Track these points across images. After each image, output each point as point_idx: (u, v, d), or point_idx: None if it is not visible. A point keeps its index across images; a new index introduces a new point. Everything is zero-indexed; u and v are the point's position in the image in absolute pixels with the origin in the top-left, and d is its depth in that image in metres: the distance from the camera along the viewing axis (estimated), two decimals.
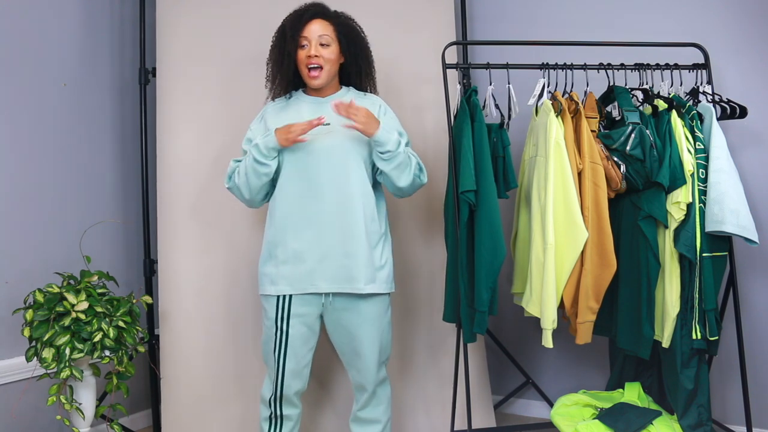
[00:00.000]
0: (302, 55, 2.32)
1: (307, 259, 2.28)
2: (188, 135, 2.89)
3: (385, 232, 2.40)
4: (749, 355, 2.69)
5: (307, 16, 2.32)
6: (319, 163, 2.29)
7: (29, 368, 2.60)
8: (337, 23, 2.34)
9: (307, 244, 2.29)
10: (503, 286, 3.00)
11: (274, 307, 2.33)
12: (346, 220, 2.28)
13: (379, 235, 2.36)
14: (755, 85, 2.82)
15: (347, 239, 2.27)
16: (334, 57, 2.34)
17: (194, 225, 2.86)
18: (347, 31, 2.35)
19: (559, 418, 2.51)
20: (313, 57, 2.29)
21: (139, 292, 2.91)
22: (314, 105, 2.39)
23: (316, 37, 2.30)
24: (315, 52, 2.29)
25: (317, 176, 2.29)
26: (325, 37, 2.31)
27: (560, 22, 3.21)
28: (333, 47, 2.32)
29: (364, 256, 2.28)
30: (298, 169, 2.30)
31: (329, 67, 2.33)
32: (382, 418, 2.45)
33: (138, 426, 3.15)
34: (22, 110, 2.75)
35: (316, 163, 2.29)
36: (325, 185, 2.28)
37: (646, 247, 2.44)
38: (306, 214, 2.29)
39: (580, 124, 2.49)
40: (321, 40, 2.30)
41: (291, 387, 2.36)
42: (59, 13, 2.91)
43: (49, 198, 2.83)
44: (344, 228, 2.28)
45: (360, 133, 2.27)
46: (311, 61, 2.30)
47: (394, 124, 2.41)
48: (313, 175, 2.29)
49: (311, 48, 2.30)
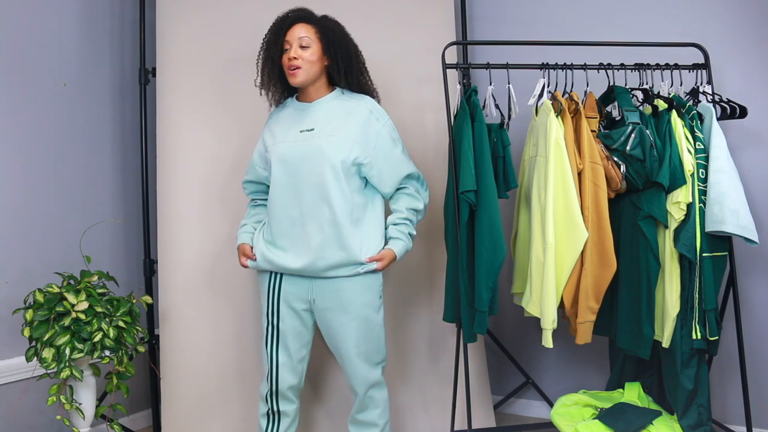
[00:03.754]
0: (284, 59, 2.35)
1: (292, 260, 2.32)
2: (188, 135, 2.89)
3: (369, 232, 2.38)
4: (749, 355, 2.69)
5: (289, 21, 2.36)
6: (299, 168, 2.32)
7: (29, 368, 2.60)
8: (318, 25, 2.36)
9: (289, 246, 2.33)
10: (503, 286, 3.00)
11: (266, 288, 2.40)
12: (325, 223, 2.30)
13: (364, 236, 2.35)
14: (755, 85, 2.82)
15: (326, 243, 2.29)
16: (315, 58, 2.35)
17: (194, 225, 2.86)
18: (327, 31, 2.37)
19: (559, 418, 2.51)
20: (292, 59, 2.33)
21: (139, 292, 2.91)
22: (297, 111, 2.42)
23: (296, 39, 2.33)
24: (294, 54, 2.33)
25: (299, 181, 2.32)
26: (305, 39, 2.33)
27: (560, 22, 3.21)
28: (314, 48, 2.34)
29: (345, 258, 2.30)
30: (283, 173, 2.35)
31: (308, 68, 2.35)
32: (378, 421, 2.45)
33: (138, 426, 3.15)
34: (22, 110, 2.75)
35: (297, 168, 2.33)
36: (306, 189, 2.31)
37: (646, 247, 2.44)
38: (289, 217, 2.33)
39: (580, 124, 2.49)
40: (301, 42, 2.33)
41: (285, 381, 2.38)
42: (59, 13, 2.91)
43: (49, 198, 2.83)
44: (323, 230, 2.30)
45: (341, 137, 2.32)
46: (291, 63, 2.33)
47: (385, 133, 2.40)
48: (295, 181, 2.33)
49: (291, 50, 2.33)
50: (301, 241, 2.31)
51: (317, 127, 2.35)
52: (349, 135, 2.33)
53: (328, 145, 2.31)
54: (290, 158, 2.33)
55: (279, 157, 2.35)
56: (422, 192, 2.48)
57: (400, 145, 2.44)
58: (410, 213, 2.42)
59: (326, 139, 2.32)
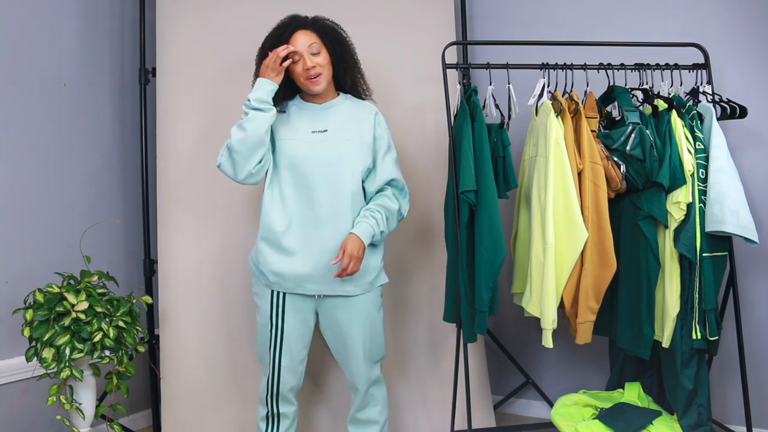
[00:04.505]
0: (298, 69, 2.32)
1: (299, 263, 2.29)
2: (188, 135, 2.89)
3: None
4: (749, 355, 2.69)
5: (289, 30, 2.33)
6: (314, 170, 2.30)
7: (29, 368, 2.60)
8: (318, 29, 2.35)
9: (299, 248, 2.30)
10: (503, 286, 3.00)
11: (268, 302, 2.35)
12: (339, 227, 2.29)
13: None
14: (755, 85, 2.82)
15: (338, 245, 2.28)
16: (326, 61, 2.34)
17: (194, 225, 2.86)
18: (329, 32, 2.36)
19: (559, 418, 2.51)
20: (311, 68, 2.30)
21: (139, 292, 2.91)
22: (307, 111, 2.39)
23: (306, 48, 2.30)
24: (311, 63, 2.30)
25: (312, 182, 2.29)
26: (314, 45, 2.31)
27: (560, 22, 3.21)
28: (323, 52, 2.33)
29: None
30: (294, 174, 2.31)
31: (326, 72, 2.34)
32: (378, 419, 2.45)
33: (138, 426, 3.15)
34: (22, 110, 2.75)
35: (312, 170, 2.30)
36: (320, 192, 2.29)
37: (646, 247, 2.44)
38: (299, 218, 2.30)
39: (580, 124, 2.49)
40: (311, 49, 2.31)
41: (286, 383, 2.38)
42: (59, 13, 2.91)
43: (49, 198, 2.83)
44: (336, 234, 2.29)
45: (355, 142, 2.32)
46: (311, 72, 2.30)
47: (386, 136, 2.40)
48: (308, 182, 2.30)
49: (306, 60, 2.30)
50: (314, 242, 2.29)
51: (331, 129, 2.34)
52: (364, 141, 2.34)
53: (345, 149, 2.31)
54: (302, 157, 2.31)
55: (290, 155, 2.32)
56: (400, 198, 2.42)
57: (395, 153, 2.44)
58: (380, 208, 2.35)
59: (343, 143, 2.32)
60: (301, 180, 2.30)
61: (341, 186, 2.29)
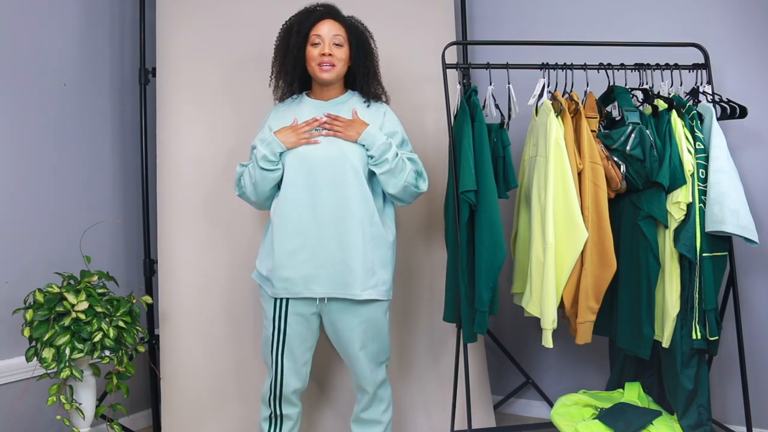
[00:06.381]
0: (314, 53, 2.31)
1: (304, 264, 2.29)
2: (188, 135, 2.89)
3: (389, 238, 2.38)
4: (749, 355, 2.69)
5: (318, 14, 2.32)
6: (318, 170, 2.29)
7: (29, 368, 2.60)
8: (348, 25, 2.35)
9: (303, 249, 2.29)
10: (503, 286, 3.00)
11: (272, 308, 2.35)
12: (343, 227, 2.28)
13: (383, 241, 2.34)
14: (755, 85, 2.82)
15: (344, 246, 2.27)
16: (345, 57, 2.34)
17: (194, 225, 2.86)
18: (358, 33, 2.36)
19: (559, 418, 2.51)
20: (327, 56, 2.29)
21: (139, 292, 2.91)
22: (316, 108, 2.39)
23: (330, 36, 2.30)
24: (329, 51, 2.29)
25: (316, 183, 2.29)
26: (339, 37, 2.31)
27: (560, 22, 3.21)
28: (345, 48, 2.33)
29: (360, 263, 2.28)
30: (298, 175, 2.30)
31: (340, 66, 2.34)
32: (383, 419, 2.45)
33: (138, 426, 3.15)
34: (22, 110, 2.75)
35: (316, 170, 2.29)
36: (324, 192, 2.28)
37: (646, 247, 2.44)
38: (304, 219, 2.29)
39: (580, 124, 2.49)
40: (335, 40, 2.31)
41: (290, 385, 2.37)
42: (59, 13, 2.91)
43: (49, 198, 2.83)
44: (341, 234, 2.28)
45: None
46: (325, 60, 2.30)
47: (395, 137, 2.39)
48: (312, 182, 2.29)
49: (325, 46, 2.29)
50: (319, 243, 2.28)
51: None
52: None
53: (350, 148, 2.30)
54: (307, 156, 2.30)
55: (295, 154, 2.31)
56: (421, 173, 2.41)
57: (410, 146, 2.44)
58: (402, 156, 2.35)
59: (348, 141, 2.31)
60: (306, 179, 2.30)
61: (345, 185, 2.28)
